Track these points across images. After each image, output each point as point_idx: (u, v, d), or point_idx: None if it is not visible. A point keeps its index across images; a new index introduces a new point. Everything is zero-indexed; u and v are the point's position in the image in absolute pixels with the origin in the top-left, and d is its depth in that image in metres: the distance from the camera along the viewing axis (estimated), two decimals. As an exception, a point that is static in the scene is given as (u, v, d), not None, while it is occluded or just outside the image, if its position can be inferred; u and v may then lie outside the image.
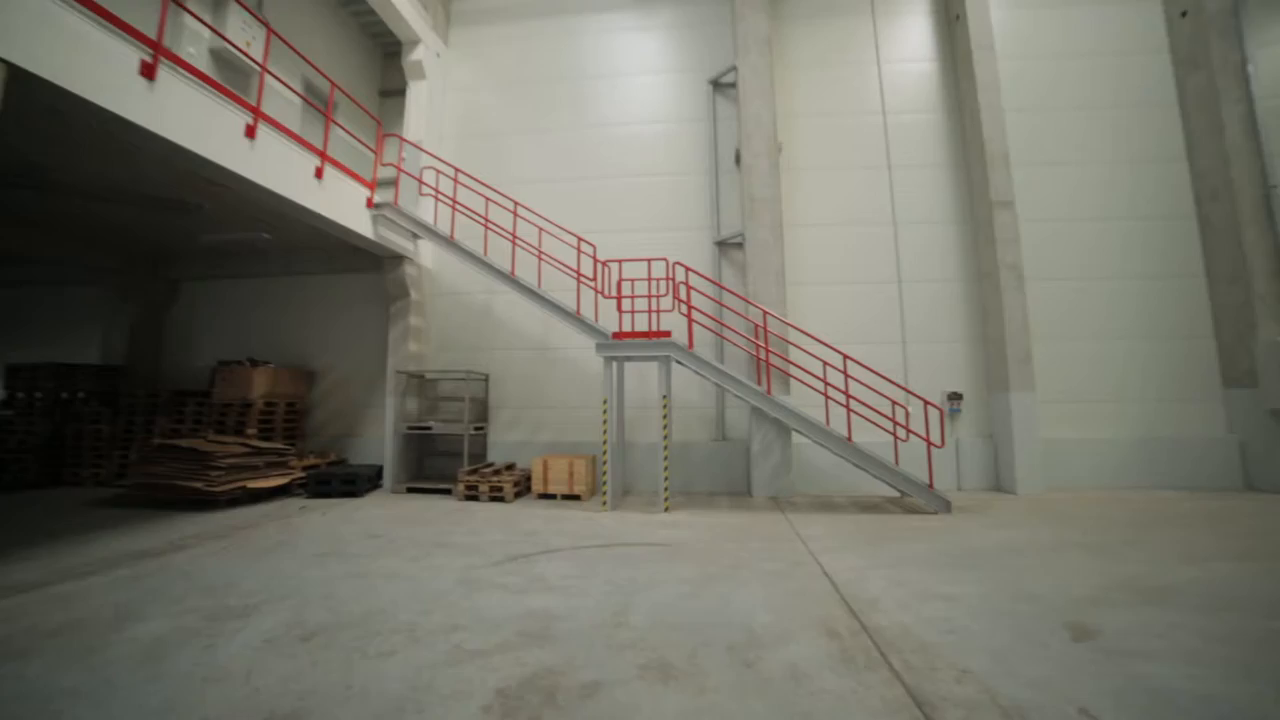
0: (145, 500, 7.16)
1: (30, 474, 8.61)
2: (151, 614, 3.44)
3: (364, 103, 9.82)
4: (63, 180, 6.68)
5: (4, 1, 3.73)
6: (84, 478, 8.71)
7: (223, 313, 10.21)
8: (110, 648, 2.97)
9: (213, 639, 3.06)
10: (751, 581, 4.05)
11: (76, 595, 3.80)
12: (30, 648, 2.98)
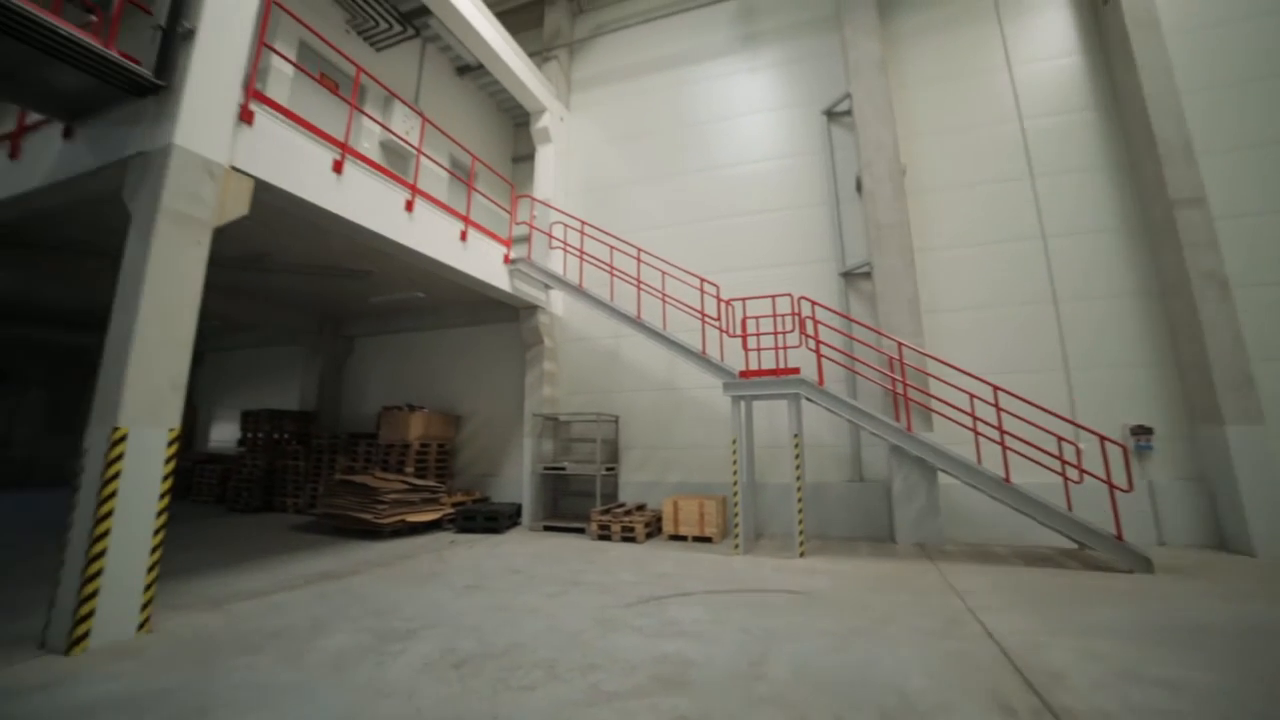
0: (329, 527, 8.24)
1: (255, 500, 10.35)
2: (336, 628, 3.92)
3: (499, 169, 10.96)
4: (277, 261, 8.16)
5: (254, 132, 4.76)
6: (288, 505, 10.26)
7: (387, 364, 11.68)
8: (310, 654, 3.48)
9: (382, 657, 3.40)
10: (902, 639, 3.68)
11: (286, 605, 4.49)
12: (260, 645, 3.65)
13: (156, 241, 4.01)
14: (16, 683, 3.11)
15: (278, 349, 13.25)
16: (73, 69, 4.25)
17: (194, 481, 11.61)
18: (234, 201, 4.59)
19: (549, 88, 10.49)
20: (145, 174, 4.22)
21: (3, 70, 4.37)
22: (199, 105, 4.39)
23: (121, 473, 3.72)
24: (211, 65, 4.52)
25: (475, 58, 9.49)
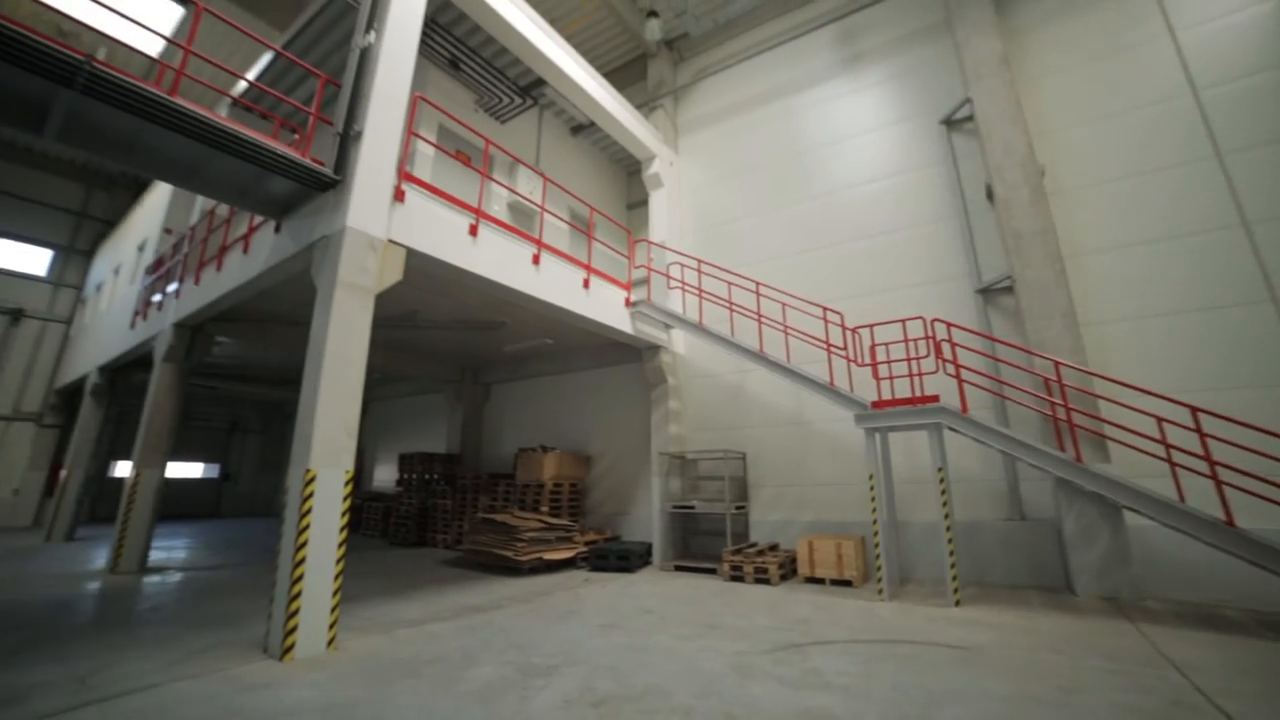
0: (474, 562, 8.84)
1: (411, 535, 11.43)
2: (484, 660, 4.16)
3: (616, 217, 11.56)
4: (424, 318, 9.19)
5: (405, 208, 5.52)
6: (438, 541, 11.20)
7: (521, 408, 12.51)
8: (461, 683, 3.70)
9: (525, 691, 3.54)
10: (1101, 717, 3.12)
11: (440, 635, 4.85)
12: (419, 670, 3.96)
13: (334, 309, 4.73)
14: (249, 680, 3.76)
15: (427, 397, 14.76)
16: (284, 179, 5.25)
17: (363, 517, 13.11)
18: (391, 269, 5.29)
19: (657, 135, 10.97)
20: (327, 253, 5.03)
21: (240, 187, 5.54)
22: (365, 192, 5.18)
23: (313, 508, 4.32)
24: (374, 158, 5.33)
25: (587, 117, 10.25)
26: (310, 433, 4.45)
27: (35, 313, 16.23)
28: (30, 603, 6.05)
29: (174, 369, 8.70)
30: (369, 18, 5.88)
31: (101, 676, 3.83)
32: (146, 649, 4.43)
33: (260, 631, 4.72)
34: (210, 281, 7.75)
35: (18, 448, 15.30)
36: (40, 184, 16.91)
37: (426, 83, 8.37)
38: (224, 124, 4.77)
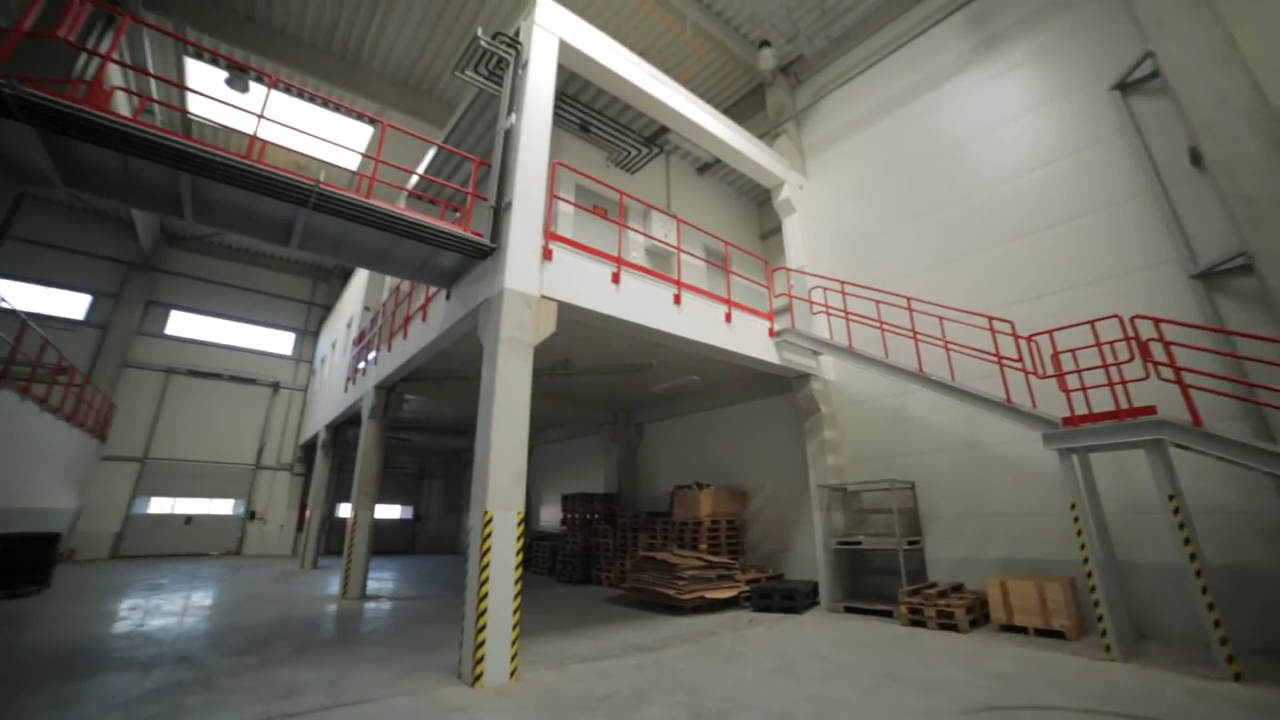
0: (637, 600, 8.97)
1: (576, 573, 11.99)
2: (654, 700, 4.16)
3: (750, 248, 11.49)
4: (576, 364, 9.81)
5: (553, 265, 6.03)
6: (602, 578, 11.58)
7: (673, 445, 12.66)
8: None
9: (699, 738, 3.46)
10: None
11: (610, 672, 4.96)
12: (593, 706, 4.10)
13: (499, 363, 5.25)
14: (449, 702, 4.19)
15: (584, 439, 15.59)
16: (452, 252, 6.06)
17: (532, 555, 14.03)
18: (545, 322, 5.76)
19: (783, 162, 10.83)
20: (490, 314, 5.63)
21: (418, 264, 6.50)
22: (518, 255, 5.75)
23: (491, 547, 4.74)
24: (523, 223, 5.93)
25: (711, 155, 10.45)
26: (486, 477, 4.93)
27: (286, 384, 20.24)
28: (295, 617, 7.47)
29: (376, 425, 10.25)
30: (509, 103, 6.68)
31: (344, 684, 4.58)
32: (371, 665, 5.15)
33: (454, 658, 5.22)
34: (400, 347, 9.09)
35: (280, 492, 19.02)
36: (282, 282, 21.31)
37: (562, 149, 9.17)
38: (406, 215, 5.65)
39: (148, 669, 5.07)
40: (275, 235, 5.84)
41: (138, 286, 18.26)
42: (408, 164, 13.31)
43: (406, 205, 10.41)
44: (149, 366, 17.99)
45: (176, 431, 17.95)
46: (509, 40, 7.06)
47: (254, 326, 20.47)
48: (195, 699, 4.25)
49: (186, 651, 5.65)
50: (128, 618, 7.46)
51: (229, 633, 6.55)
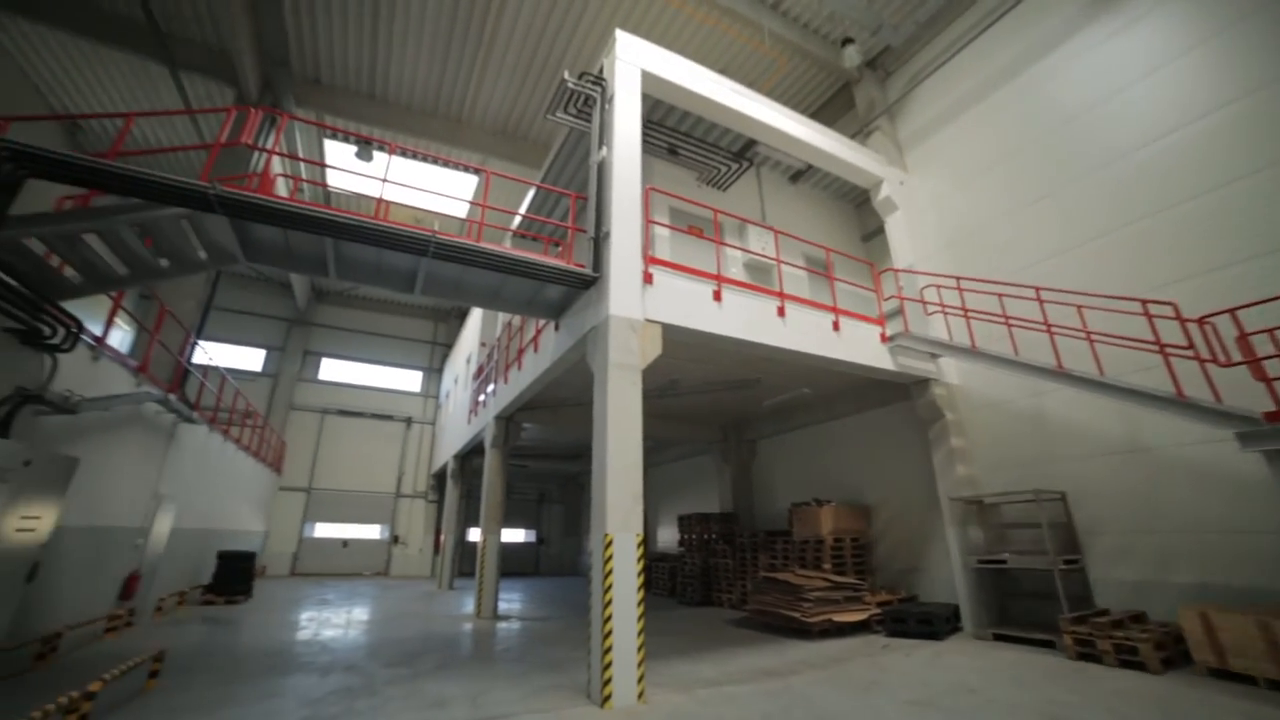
0: (760, 623, 8.69)
1: (696, 594, 11.88)
2: (787, 733, 3.99)
3: (852, 253, 10.98)
4: (684, 385, 9.86)
5: (654, 288, 6.17)
6: (723, 600, 11.37)
7: (788, 461, 12.26)
8: (766, 758, 3.58)
9: (839, 773, 3.26)
10: None
11: (738, 698, 4.85)
12: None
13: (610, 388, 5.41)
14: None
15: (696, 459, 15.53)
16: (557, 285, 6.39)
17: (651, 577, 14.09)
18: (651, 346, 5.87)
19: (879, 159, 10.32)
20: (597, 341, 5.84)
21: (527, 299, 6.93)
22: (619, 282, 5.94)
23: (613, 569, 4.84)
24: (622, 251, 6.12)
25: (803, 162, 10.19)
26: (603, 500, 5.07)
27: (417, 419, 22.20)
28: (437, 634, 8.07)
29: (498, 453, 10.91)
30: (599, 137, 7.00)
31: (485, 699, 4.88)
32: (506, 682, 5.43)
33: (582, 678, 5.35)
34: (515, 379, 9.65)
35: (417, 518, 20.77)
36: (409, 326, 23.54)
37: (653, 174, 9.38)
38: (513, 254, 6.06)
39: (325, 673, 5.75)
40: (401, 284, 6.52)
41: (297, 339, 21.09)
42: (510, 206, 14.30)
43: (512, 245, 11.15)
44: (308, 408, 20.56)
45: (332, 464, 20.28)
46: (594, 78, 7.42)
47: (387, 368, 22.73)
48: (363, 703, 4.73)
49: (352, 660, 6.30)
50: (307, 627, 8.49)
51: (384, 645, 7.21)
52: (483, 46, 11.58)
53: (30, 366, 5.24)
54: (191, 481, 9.97)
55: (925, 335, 8.29)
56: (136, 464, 7.74)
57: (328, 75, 12.26)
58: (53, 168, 4.58)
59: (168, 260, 5.80)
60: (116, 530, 7.43)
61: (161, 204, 4.98)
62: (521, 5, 10.72)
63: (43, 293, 4.95)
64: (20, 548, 4.75)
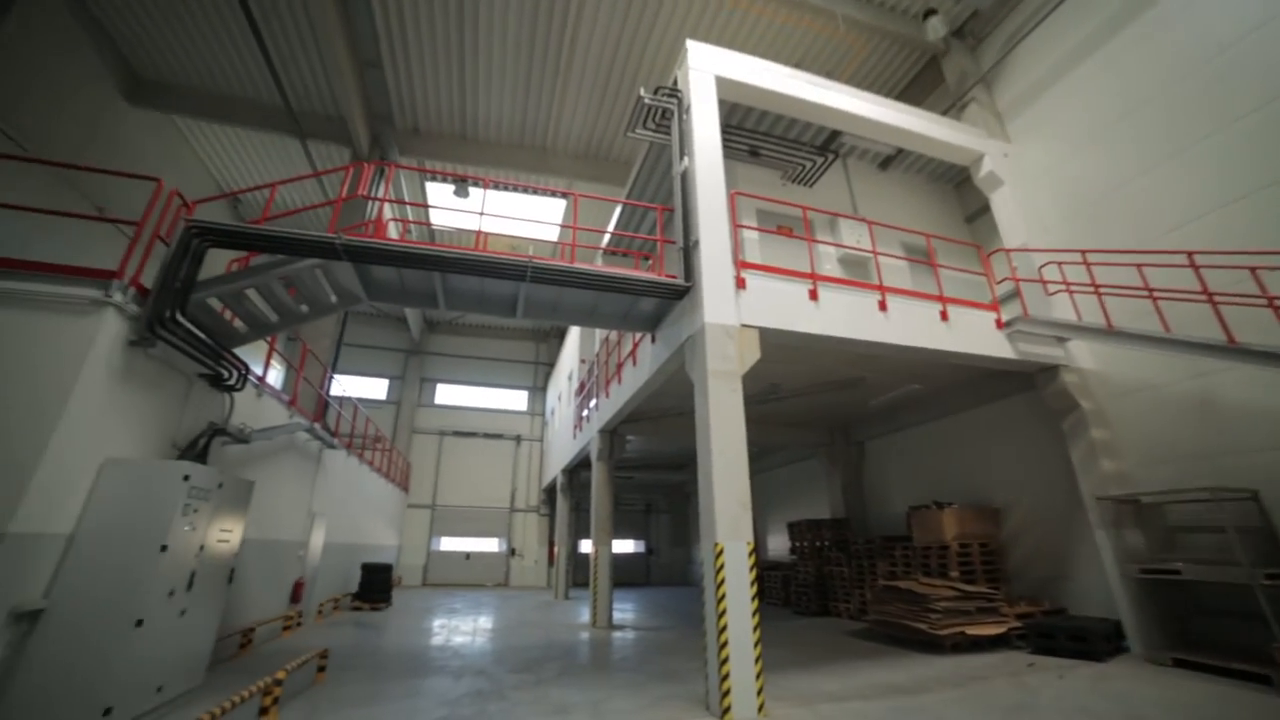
0: (882, 635, 8.21)
1: (811, 604, 11.46)
2: (924, 753, 3.73)
3: (955, 236, 10.19)
4: (785, 388, 9.62)
5: (748, 293, 6.12)
6: (840, 610, 10.87)
7: (901, 462, 11.54)
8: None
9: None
10: None
11: (866, 715, 4.63)
12: None
13: (710, 396, 5.41)
14: None
15: (802, 463, 15.05)
16: (650, 298, 6.52)
17: (764, 586, 13.76)
18: (749, 350, 5.81)
19: (977, 133, 9.53)
20: (694, 350, 5.87)
21: (622, 314, 7.12)
22: (712, 289, 5.94)
23: (725, 579, 4.80)
24: (712, 258, 6.12)
25: (891, 147, 9.65)
26: (712, 509, 5.07)
27: (525, 436, 23.35)
28: (556, 642, 8.39)
29: (604, 466, 11.20)
30: (680, 148, 7.07)
31: (605, 707, 5.01)
32: (625, 691, 5.54)
33: (699, 689, 5.35)
34: (616, 392, 9.89)
35: (531, 531, 21.78)
36: (512, 348, 24.88)
37: (737, 178, 9.28)
38: (605, 272, 6.25)
39: (458, 676, 6.17)
40: (504, 309, 6.94)
41: (414, 368, 23.02)
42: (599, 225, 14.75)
43: (604, 262, 11.49)
44: (428, 431, 22.29)
45: (452, 483, 21.81)
46: (669, 91, 7.53)
47: (495, 389, 24.15)
48: (493, 706, 5.03)
49: (481, 666, 6.71)
50: (439, 634, 9.16)
51: (508, 652, 7.61)
52: (559, 76, 12.12)
53: (215, 405, 6.17)
54: (337, 500, 11.15)
55: (1048, 318, 7.51)
56: (294, 485, 8.80)
57: (424, 124, 13.38)
58: (226, 238, 5.39)
59: (307, 306, 6.58)
60: (283, 543, 8.49)
61: (301, 257, 5.68)
62: (593, 33, 11.12)
63: (221, 342, 5.81)
64: (221, 556, 5.57)
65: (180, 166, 13.60)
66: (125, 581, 4.36)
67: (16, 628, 3.93)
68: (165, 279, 4.99)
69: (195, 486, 4.93)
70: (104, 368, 4.56)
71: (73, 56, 10.32)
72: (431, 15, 10.60)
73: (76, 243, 9.64)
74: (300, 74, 11.75)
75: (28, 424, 4.12)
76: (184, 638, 5.00)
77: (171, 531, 4.63)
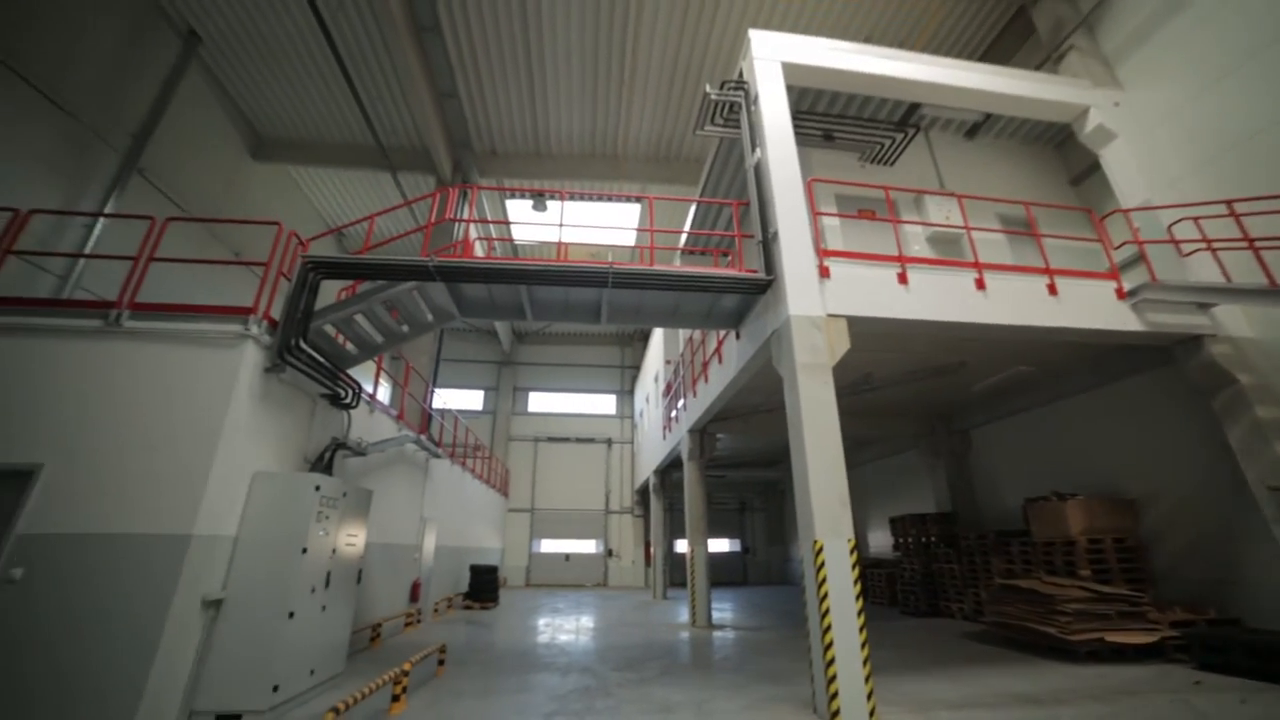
0: (1002, 639, 7.62)
1: (921, 604, 10.86)
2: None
3: (1058, 201, 9.26)
4: (878, 378, 9.19)
5: (832, 281, 5.93)
6: (952, 610, 10.20)
7: (1011, 451, 10.66)
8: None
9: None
10: None
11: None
12: None
13: (801, 390, 5.28)
14: None
15: (900, 456, 14.29)
16: (732, 294, 6.48)
17: (867, 585, 13.17)
18: (838, 341, 5.61)
19: (1079, 84, 8.58)
20: (781, 344, 5.76)
21: (704, 313, 7.13)
22: (795, 280, 5.80)
23: (826, 577, 4.67)
24: (793, 249, 5.98)
25: (978, 113, 8.94)
26: (809, 506, 4.94)
27: (616, 440, 23.84)
28: (656, 642, 8.50)
29: (695, 466, 11.21)
30: (751, 140, 6.97)
31: (708, 707, 5.01)
32: (728, 691, 5.51)
33: (803, 691, 5.24)
34: (703, 391, 9.87)
35: (626, 532, 22.19)
36: (598, 353, 25.47)
37: (812, 164, 8.96)
38: (684, 271, 6.27)
39: (565, 673, 6.41)
40: (588, 316, 7.14)
41: (507, 378, 24.15)
42: (674, 226, 14.80)
43: (682, 262, 11.51)
44: (523, 438, 23.30)
45: (548, 487, 22.66)
46: (735, 84, 7.43)
47: (584, 394, 24.82)
48: (600, 703, 5.18)
49: (586, 663, 6.93)
50: (544, 632, 9.55)
51: (610, 650, 7.80)
52: (624, 84, 12.29)
53: (335, 421, 6.82)
54: (444, 506, 11.93)
55: (1184, 282, 6.65)
56: (406, 493, 9.52)
57: (501, 145, 14.04)
58: (337, 269, 5.98)
59: (407, 326, 7.11)
60: (400, 546, 9.22)
61: (400, 280, 6.16)
62: (654, 36, 11.18)
63: (337, 365, 6.42)
64: (350, 558, 6.16)
65: (293, 208, 15.13)
66: (278, 578, 4.96)
67: (206, 613, 4.66)
68: (289, 310, 5.60)
69: (325, 495, 5.48)
70: (247, 393, 5.17)
71: (213, 127, 11.97)
72: (499, 42, 11.12)
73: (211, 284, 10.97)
74: (387, 112, 12.73)
75: (196, 444, 4.79)
76: (326, 630, 5.57)
77: (309, 536, 5.19)
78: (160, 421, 4.81)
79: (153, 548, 4.44)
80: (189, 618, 4.48)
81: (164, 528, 4.50)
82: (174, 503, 4.58)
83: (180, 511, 4.56)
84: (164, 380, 4.96)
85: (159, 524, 4.51)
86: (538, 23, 10.78)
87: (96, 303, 5.25)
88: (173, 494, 4.60)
